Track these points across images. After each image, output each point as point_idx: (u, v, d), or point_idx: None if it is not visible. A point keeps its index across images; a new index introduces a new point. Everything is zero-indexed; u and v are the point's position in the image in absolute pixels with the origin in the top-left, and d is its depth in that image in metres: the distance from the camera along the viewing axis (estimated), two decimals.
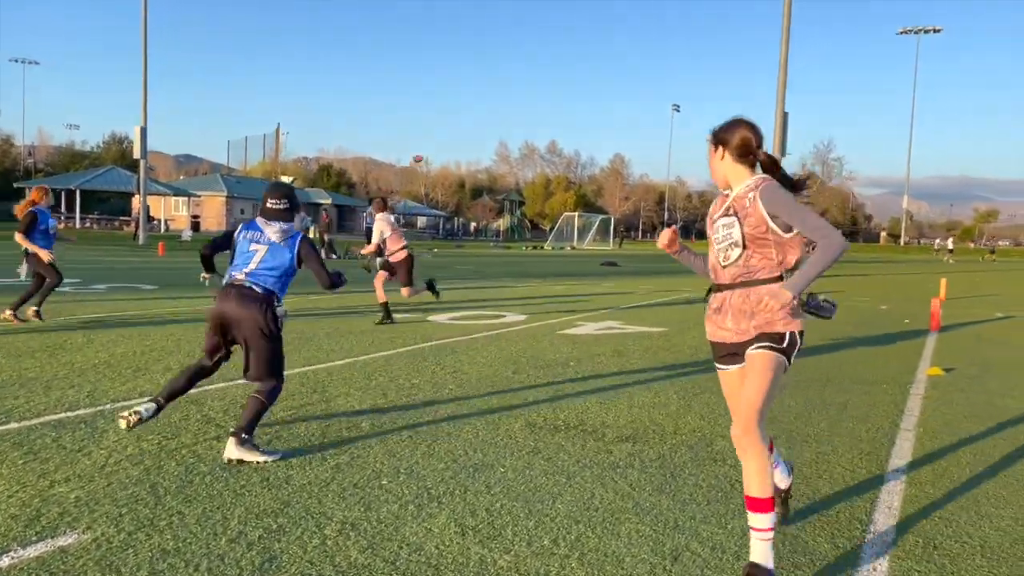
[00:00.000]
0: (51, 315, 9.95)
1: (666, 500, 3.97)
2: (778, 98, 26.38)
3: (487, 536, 3.43)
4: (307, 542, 3.29)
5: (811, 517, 3.81)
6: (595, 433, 5.20)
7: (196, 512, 3.56)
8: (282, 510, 3.63)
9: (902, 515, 3.89)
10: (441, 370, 7.23)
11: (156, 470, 4.12)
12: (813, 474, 4.50)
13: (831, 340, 10.35)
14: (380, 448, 4.67)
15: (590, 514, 3.74)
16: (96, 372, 6.58)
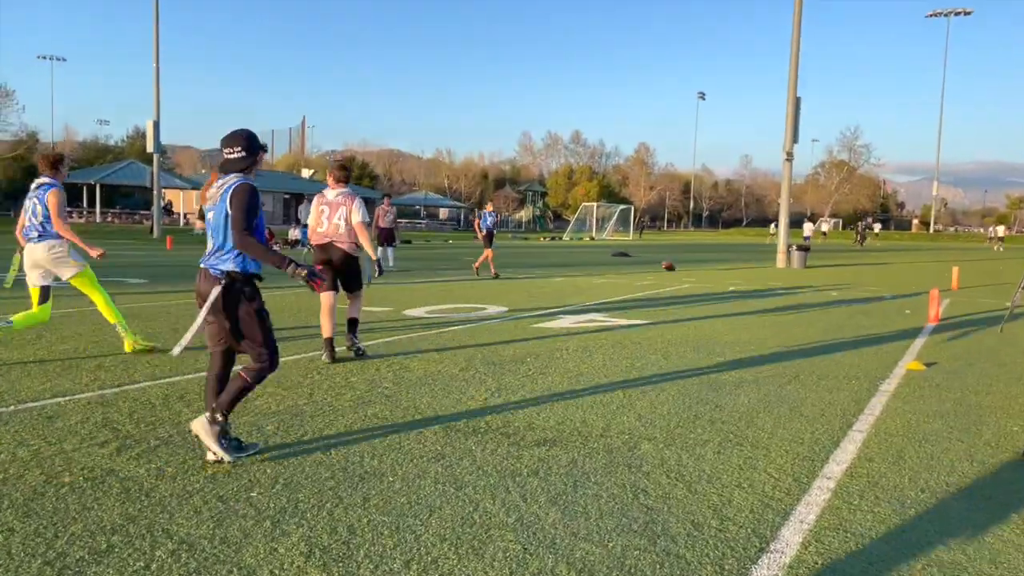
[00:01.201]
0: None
1: (554, 513, 3.63)
2: (790, 84, 25.70)
3: (334, 558, 3.12)
4: (127, 566, 3.00)
5: (707, 532, 3.45)
6: (514, 436, 4.87)
7: (28, 530, 3.29)
8: (123, 527, 3.35)
9: (812, 532, 3.51)
10: (386, 368, 6.93)
11: (15, 480, 3.86)
12: (731, 482, 4.13)
13: (819, 332, 9.90)
14: (272, 454, 4.38)
15: (462, 531, 3.41)
16: (23, 370, 6.36)
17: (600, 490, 3.96)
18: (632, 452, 4.62)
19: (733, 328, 10.15)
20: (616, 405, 5.77)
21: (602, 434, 4.98)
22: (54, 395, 5.60)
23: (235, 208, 4.14)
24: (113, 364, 6.75)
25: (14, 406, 5.27)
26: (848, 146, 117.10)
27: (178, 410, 5.28)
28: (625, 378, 6.75)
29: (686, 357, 7.87)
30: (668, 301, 13.50)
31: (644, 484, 4.06)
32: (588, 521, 3.56)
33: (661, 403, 5.86)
